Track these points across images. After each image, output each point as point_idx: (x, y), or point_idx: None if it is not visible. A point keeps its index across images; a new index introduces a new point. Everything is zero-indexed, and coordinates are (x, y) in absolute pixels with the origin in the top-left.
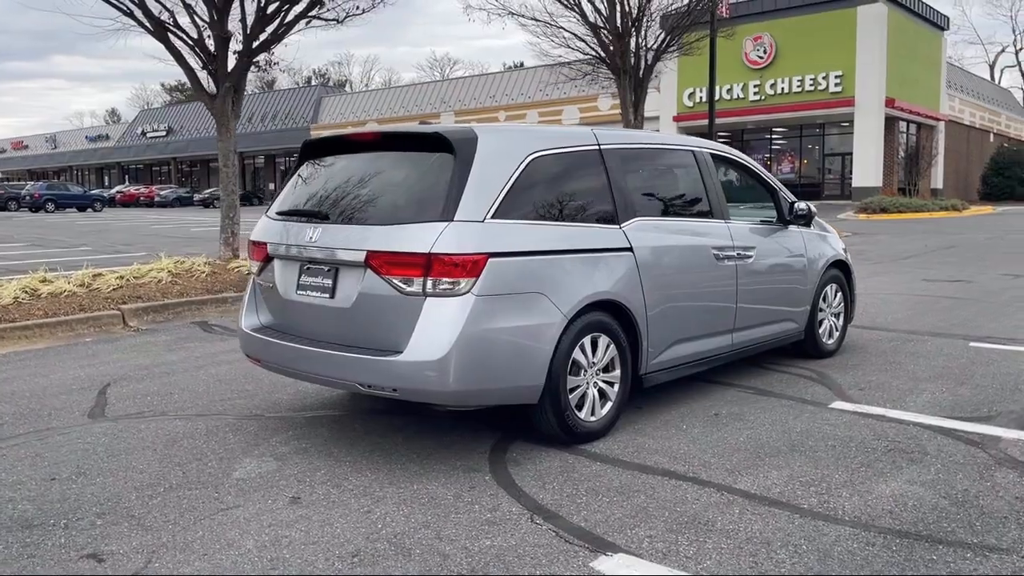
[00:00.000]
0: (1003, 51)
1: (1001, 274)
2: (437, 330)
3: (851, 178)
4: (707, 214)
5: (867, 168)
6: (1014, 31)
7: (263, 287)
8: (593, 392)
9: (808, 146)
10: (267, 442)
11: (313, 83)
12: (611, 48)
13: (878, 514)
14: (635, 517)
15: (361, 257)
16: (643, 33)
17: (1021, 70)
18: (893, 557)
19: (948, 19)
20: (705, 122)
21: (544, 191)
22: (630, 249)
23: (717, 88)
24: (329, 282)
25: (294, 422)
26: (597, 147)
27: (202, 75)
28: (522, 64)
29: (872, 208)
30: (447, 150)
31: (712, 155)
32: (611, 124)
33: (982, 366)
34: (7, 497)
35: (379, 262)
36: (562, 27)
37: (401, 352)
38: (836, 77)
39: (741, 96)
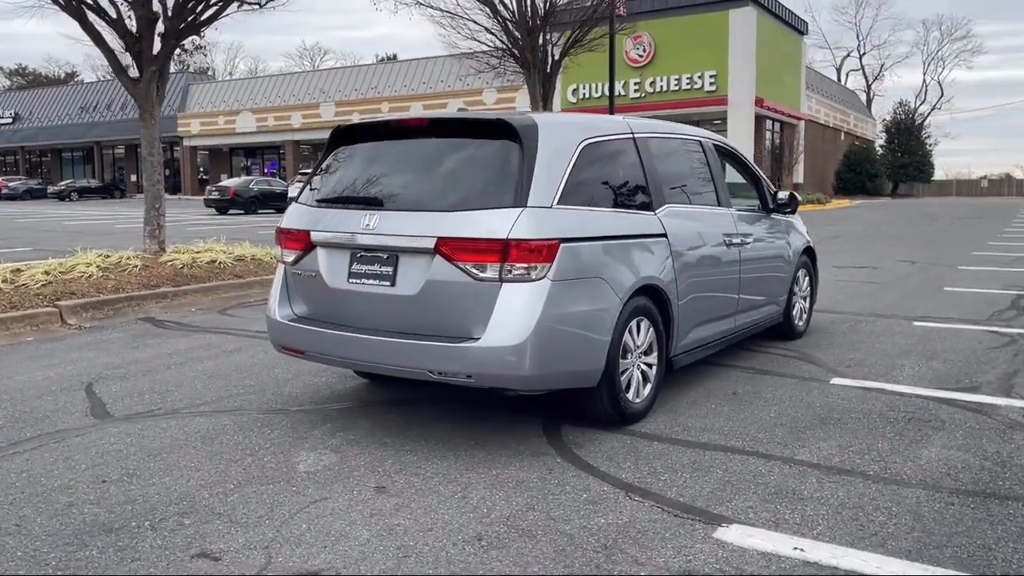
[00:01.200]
0: (848, 55)
1: (898, 261)
2: (516, 316)
3: None
4: (715, 202)
5: None
6: (858, 37)
7: (299, 276)
8: (638, 375)
9: None
10: (311, 435)
11: (172, 70)
12: (521, 43)
13: (938, 476)
14: (724, 491)
15: (430, 244)
16: (547, 30)
17: (864, 74)
18: (977, 513)
19: (807, 24)
20: None
21: (595, 178)
22: (665, 235)
23: (599, 85)
24: (389, 270)
25: (325, 414)
26: (631, 135)
27: (125, 57)
28: (395, 56)
29: None
30: (510, 137)
31: (714, 144)
32: None
33: (937, 342)
34: (65, 502)
35: (451, 248)
36: (472, 20)
37: (475, 338)
38: (711, 77)
39: (622, 93)
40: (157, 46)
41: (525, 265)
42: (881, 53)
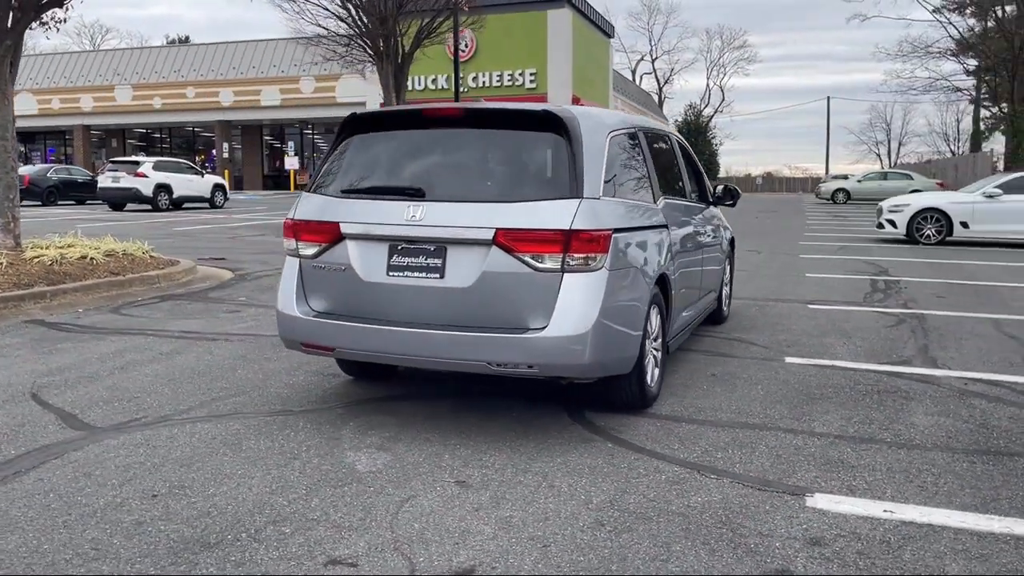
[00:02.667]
0: (642, 59)
1: (746, 251)
2: (579, 306)
3: None
4: (686, 194)
5: None
6: (651, 42)
7: (322, 270)
8: (653, 360)
9: None
10: (341, 436)
11: None
12: (373, 32)
13: (943, 440)
14: (782, 464)
15: (488, 235)
16: (399, 19)
17: (657, 77)
18: (1003, 468)
19: (614, 28)
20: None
21: (620, 170)
22: (666, 226)
23: (422, 79)
24: (437, 262)
25: (338, 414)
26: (635, 128)
27: None
28: (187, 39)
29: None
30: (556, 129)
31: (678, 140)
32: (312, 107)
33: (843, 323)
34: (130, 520)
35: (511, 239)
36: (321, 5)
37: (533, 328)
38: (531, 74)
39: (446, 87)
40: (12, 18)
41: (585, 255)
42: (671, 58)
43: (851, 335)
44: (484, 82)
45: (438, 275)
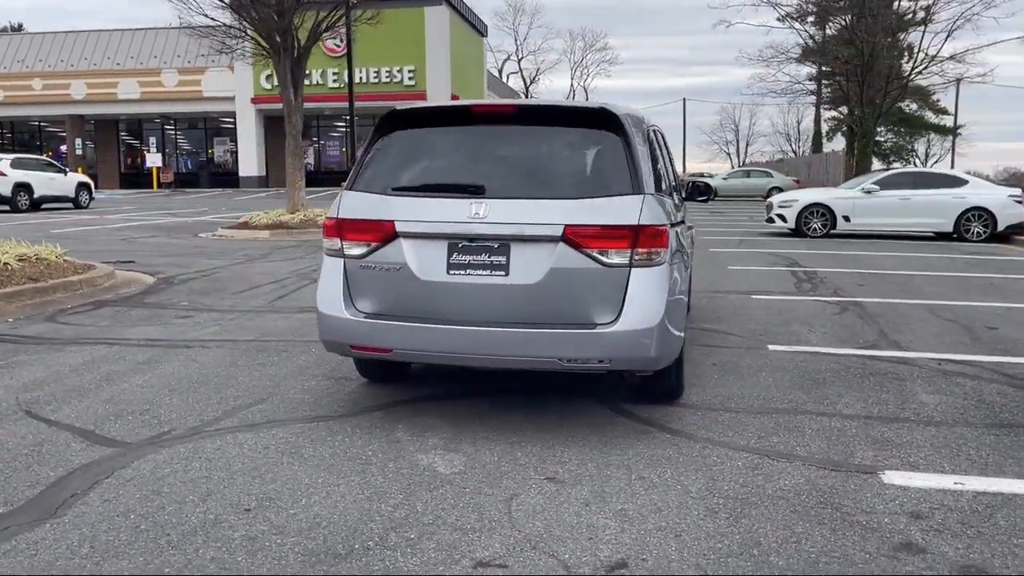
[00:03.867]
0: (508, 59)
1: None
2: (648, 299)
3: None
4: (678, 188)
5: None
6: (516, 42)
7: (372, 270)
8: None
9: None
10: (399, 439)
11: None
12: (270, 25)
13: (958, 416)
14: (838, 446)
15: (557, 232)
16: (294, 13)
17: (523, 77)
18: (1022, 440)
19: (487, 27)
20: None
21: (653, 165)
22: (683, 221)
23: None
24: (501, 259)
25: (379, 419)
26: (648, 125)
27: None
28: (20, 27)
29: None
30: (609, 126)
31: (662, 135)
32: (176, 101)
33: (795, 312)
34: (239, 536)
35: (580, 236)
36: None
37: (600, 323)
38: (410, 71)
39: (320, 82)
40: None
41: (650, 250)
42: (537, 59)
43: (810, 323)
44: (361, 78)
45: (503, 272)
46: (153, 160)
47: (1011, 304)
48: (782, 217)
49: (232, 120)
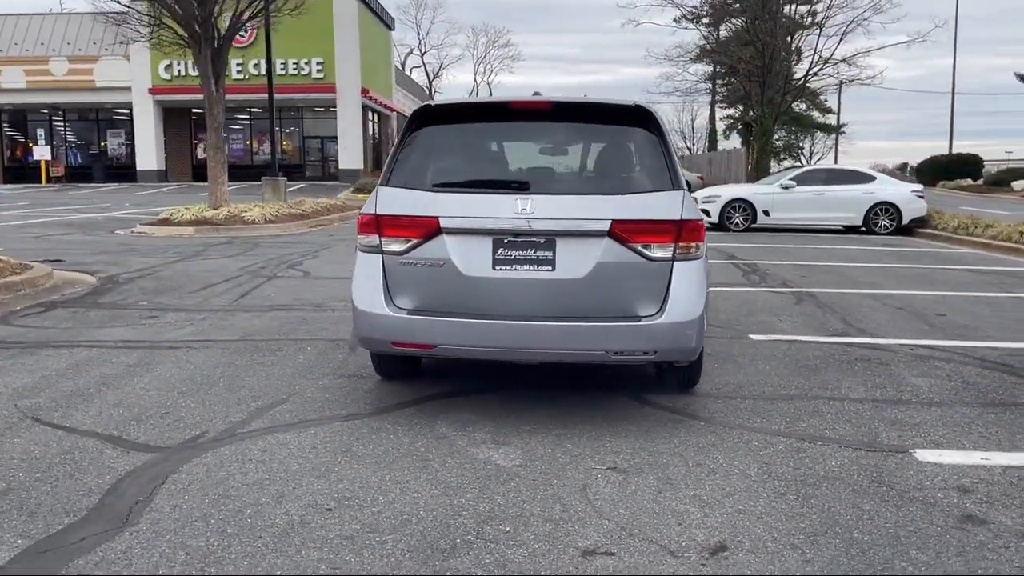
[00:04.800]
0: (411, 53)
1: None
2: (690, 292)
3: (334, 161)
4: None
5: (352, 152)
6: (419, 36)
7: (413, 266)
8: None
9: (289, 128)
10: (446, 433)
11: None
12: (189, 14)
13: (955, 397)
14: (862, 428)
15: (604, 227)
16: (214, 3)
17: (427, 71)
18: (1022, 416)
19: (394, 20)
20: (187, 96)
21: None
22: None
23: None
24: (548, 254)
25: (418, 414)
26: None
27: None
28: None
29: (367, 189)
30: (644, 122)
31: None
32: (66, 91)
33: (754, 302)
34: (340, 535)
35: (627, 231)
36: None
37: (644, 316)
38: (318, 64)
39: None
40: None
41: (690, 244)
42: (440, 53)
43: (776, 313)
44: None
45: (549, 267)
46: (41, 153)
47: (944, 292)
48: (706, 212)
49: (128, 111)
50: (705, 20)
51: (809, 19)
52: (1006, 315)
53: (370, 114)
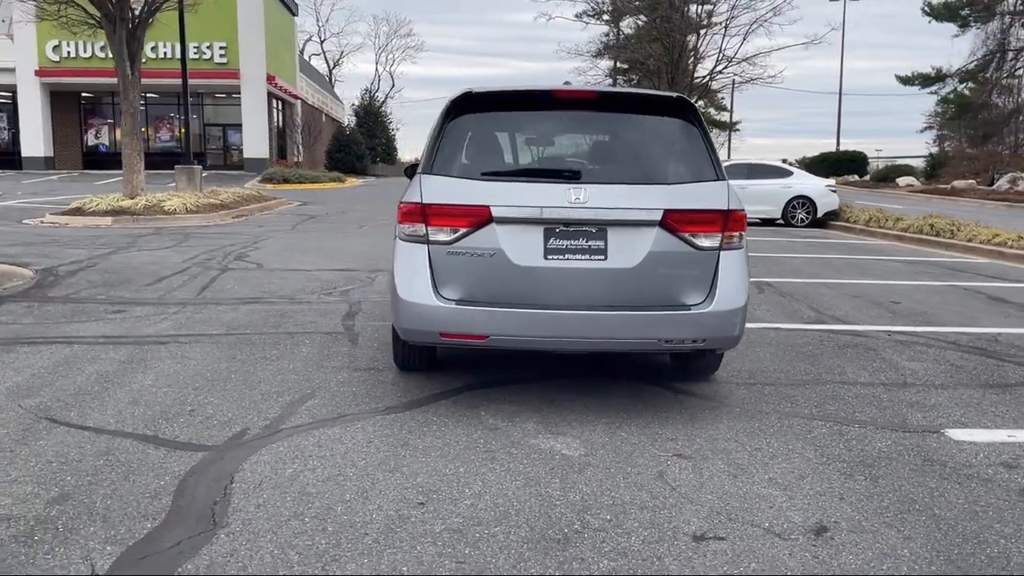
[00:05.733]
0: (310, 39)
1: None
2: (735, 281)
3: (237, 149)
4: None
5: (257, 140)
6: (318, 23)
7: (462, 256)
8: None
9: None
10: (497, 425)
11: None
12: None
13: (952, 379)
14: (886, 411)
15: (656, 216)
16: None
17: (326, 59)
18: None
19: (298, 6)
20: (78, 79)
21: None
22: None
23: (90, 45)
24: (600, 243)
25: (455, 406)
26: None
27: None
28: None
29: (276, 179)
30: (686, 114)
31: None
32: None
33: None
34: (445, 529)
35: (677, 220)
36: None
37: (693, 304)
38: (221, 48)
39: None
40: None
41: (734, 233)
42: (340, 41)
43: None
44: (166, 53)
45: (602, 257)
46: None
47: (887, 282)
48: None
49: (10, 95)
50: (606, 16)
51: (706, 19)
52: (951, 302)
53: (275, 102)
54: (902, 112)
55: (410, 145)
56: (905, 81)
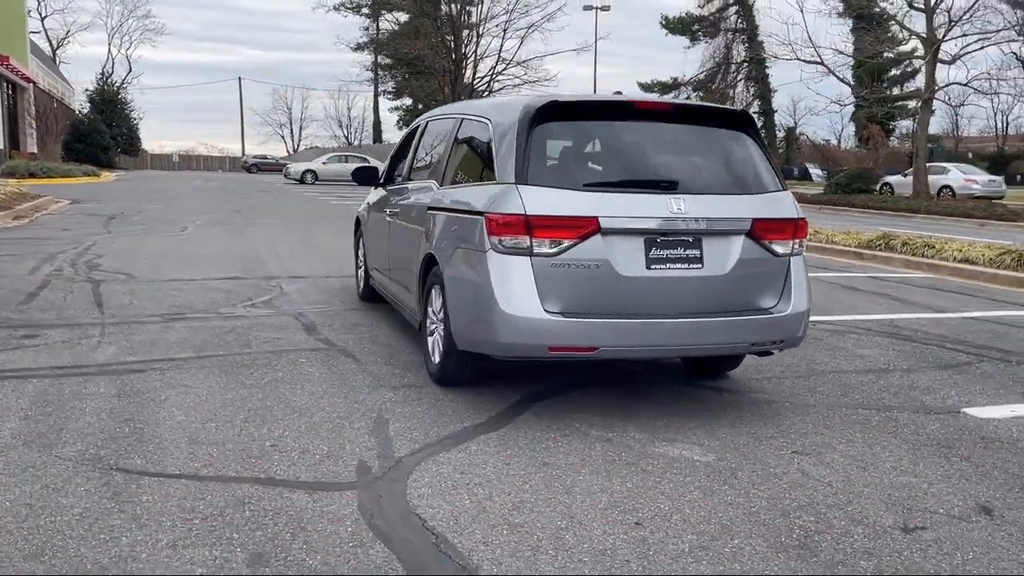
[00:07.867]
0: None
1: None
2: (803, 285)
3: None
4: None
5: None
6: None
7: (566, 267)
8: None
9: None
10: (599, 436)
11: None
12: None
13: (920, 366)
14: (899, 395)
15: (746, 225)
16: None
17: (48, 36)
18: (1002, 371)
19: None
20: None
21: None
22: None
23: None
24: (696, 252)
25: (539, 420)
26: None
27: None
28: None
29: (20, 172)
30: (746, 126)
31: None
32: None
33: None
34: (696, 545)
35: (763, 228)
36: None
37: (768, 309)
38: None
39: None
40: None
41: (801, 240)
42: (65, 19)
43: None
44: None
45: (699, 265)
46: None
47: None
48: None
49: None
50: (365, 10)
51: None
52: (842, 294)
53: (5, 85)
54: None
55: (153, 136)
56: (646, 88)
